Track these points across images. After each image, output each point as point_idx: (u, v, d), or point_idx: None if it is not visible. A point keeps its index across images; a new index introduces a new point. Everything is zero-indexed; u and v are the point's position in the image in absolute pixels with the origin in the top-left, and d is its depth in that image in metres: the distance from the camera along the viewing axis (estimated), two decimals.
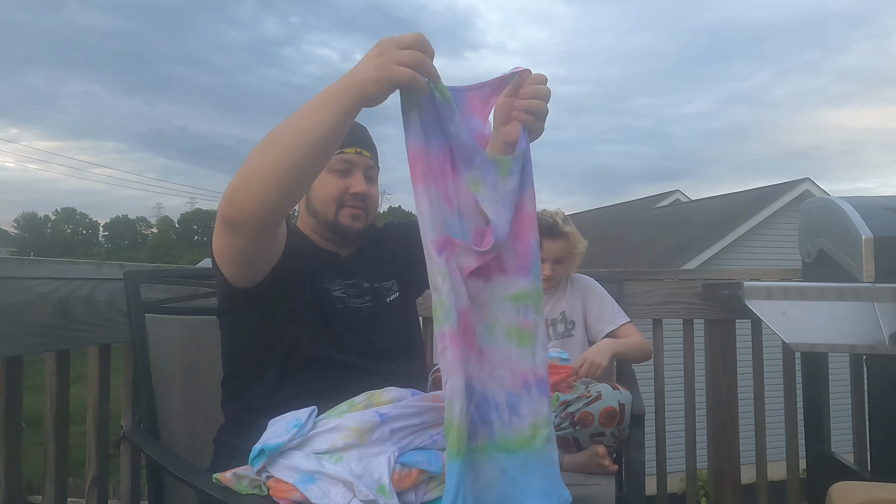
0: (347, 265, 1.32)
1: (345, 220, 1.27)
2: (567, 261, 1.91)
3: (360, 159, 1.28)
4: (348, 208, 1.27)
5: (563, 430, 1.53)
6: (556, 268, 1.89)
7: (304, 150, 0.91)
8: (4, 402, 1.35)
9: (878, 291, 1.64)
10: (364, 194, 1.27)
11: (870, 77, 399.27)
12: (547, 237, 1.87)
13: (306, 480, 0.91)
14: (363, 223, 1.30)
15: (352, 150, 1.27)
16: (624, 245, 11.94)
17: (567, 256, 1.90)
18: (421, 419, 1.02)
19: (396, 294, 1.37)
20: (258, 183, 0.93)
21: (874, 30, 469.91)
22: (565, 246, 1.88)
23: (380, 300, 1.33)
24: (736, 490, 2.18)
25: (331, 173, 1.26)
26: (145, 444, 1.25)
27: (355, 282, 1.30)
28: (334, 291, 1.25)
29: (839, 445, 2.13)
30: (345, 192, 1.26)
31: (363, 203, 1.28)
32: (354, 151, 1.27)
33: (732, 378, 2.21)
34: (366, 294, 1.30)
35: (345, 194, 1.26)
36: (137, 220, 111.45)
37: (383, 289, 1.35)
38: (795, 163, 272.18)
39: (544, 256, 1.87)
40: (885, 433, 1.74)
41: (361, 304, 1.29)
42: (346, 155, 1.27)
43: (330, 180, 1.27)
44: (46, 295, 1.37)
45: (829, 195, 2.82)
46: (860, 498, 1.16)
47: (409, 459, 0.98)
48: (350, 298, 1.27)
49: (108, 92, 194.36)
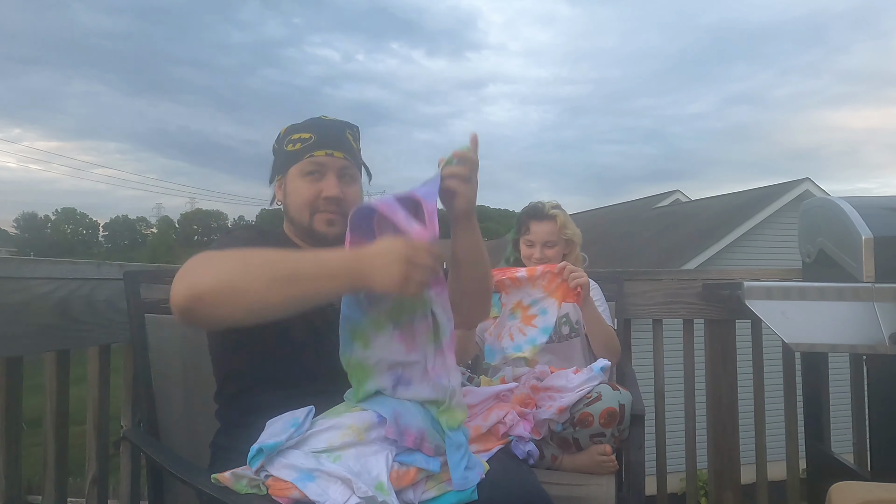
0: None
1: (319, 226, 1.23)
2: (558, 245, 1.91)
3: (332, 161, 1.24)
4: (322, 213, 1.23)
5: (563, 430, 1.53)
6: (547, 251, 1.89)
7: (285, 303, 0.92)
8: (4, 402, 1.35)
9: (878, 291, 1.64)
10: (337, 198, 1.22)
11: (871, 77, 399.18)
12: (534, 219, 1.91)
13: (305, 478, 0.92)
14: (341, 227, 1.20)
15: (321, 153, 1.23)
16: (624, 245, 11.93)
17: (557, 241, 1.90)
18: (417, 355, 1.05)
19: None
20: (230, 303, 0.91)
21: (875, 30, 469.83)
22: (552, 228, 1.89)
23: None
24: (736, 490, 2.18)
25: (302, 178, 1.23)
26: (145, 444, 1.25)
27: None
28: None
29: (839, 445, 2.13)
30: (317, 197, 1.22)
31: (338, 206, 1.23)
32: (324, 154, 1.23)
33: (732, 378, 2.21)
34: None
35: (317, 199, 1.22)
36: (137, 221, 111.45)
37: None
38: (796, 163, 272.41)
39: (533, 239, 1.90)
40: (885, 433, 1.74)
41: None
42: (316, 158, 1.23)
43: (302, 186, 1.23)
44: (46, 295, 1.37)
45: (829, 195, 2.82)
46: (860, 498, 1.16)
47: (408, 458, 0.98)
48: (337, 301, 1.23)
49: (111, 92, 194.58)
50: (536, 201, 1.96)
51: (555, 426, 1.52)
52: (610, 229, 13.71)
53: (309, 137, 1.25)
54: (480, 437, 1.27)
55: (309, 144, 1.24)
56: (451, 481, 0.99)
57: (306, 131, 1.26)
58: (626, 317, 2.15)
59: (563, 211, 1.94)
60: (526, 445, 1.41)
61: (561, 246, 1.92)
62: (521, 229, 1.94)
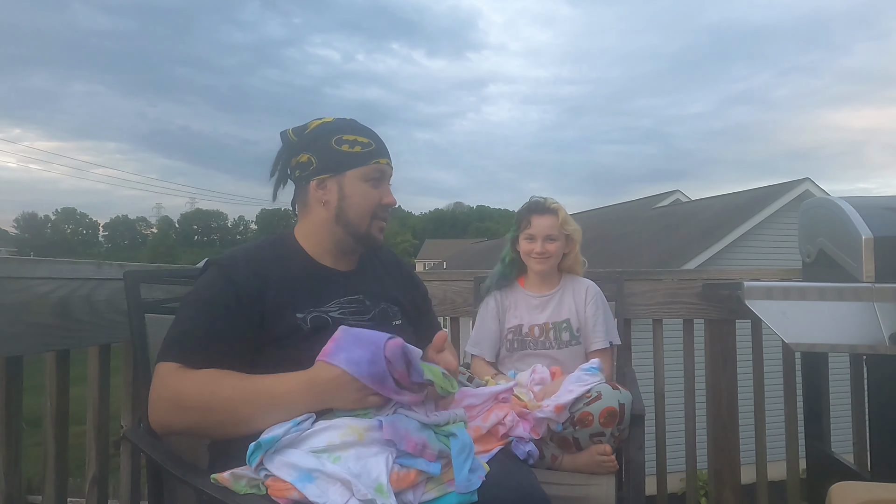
0: (346, 280, 1.28)
1: (375, 232, 1.27)
2: (559, 241, 1.91)
3: (389, 170, 1.28)
4: (379, 220, 1.27)
5: (563, 430, 1.53)
6: (548, 245, 1.89)
7: (245, 431, 1.02)
8: (4, 402, 1.35)
9: (878, 291, 1.64)
10: (394, 206, 1.27)
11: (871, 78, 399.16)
12: (536, 213, 1.91)
13: (304, 479, 0.91)
14: (384, 235, 1.31)
15: (385, 161, 1.26)
16: (624, 245, 11.93)
17: (558, 235, 1.90)
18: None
19: (400, 321, 1.33)
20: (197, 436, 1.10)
21: (876, 30, 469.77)
22: (553, 222, 1.89)
23: (385, 322, 1.28)
24: (736, 490, 2.18)
25: (366, 182, 1.24)
26: (145, 444, 1.24)
27: (356, 298, 1.26)
28: (331, 313, 1.21)
29: (839, 445, 2.13)
30: (378, 205, 1.25)
31: (388, 215, 1.28)
32: (386, 162, 1.26)
33: (732, 378, 2.21)
34: (368, 312, 1.26)
35: (378, 206, 1.25)
36: (137, 221, 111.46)
37: (389, 311, 1.31)
38: (796, 163, 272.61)
39: (534, 233, 1.90)
40: (886, 433, 1.74)
41: (362, 321, 1.24)
42: (381, 165, 1.25)
43: (367, 191, 1.24)
44: (46, 295, 1.37)
45: (829, 195, 2.81)
46: (860, 498, 1.16)
47: (409, 461, 0.97)
48: (349, 317, 1.22)
49: (111, 92, 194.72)
50: (537, 197, 1.97)
51: (555, 426, 1.52)
52: (610, 229, 13.71)
53: (369, 143, 1.25)
54: (480, 438, 1.28)
55: (371, 150, 1.25)
56: (453, 482, 0.99)
57: (363, 135, 1.26)
58: (626, 317, 2.15)
59: (564, 208, 1.95)
60: (526, 446, 1.41)
61: (562, 242, 1.92)
62: (522, 224, 1.94)
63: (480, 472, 1.04)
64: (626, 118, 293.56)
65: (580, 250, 1.99)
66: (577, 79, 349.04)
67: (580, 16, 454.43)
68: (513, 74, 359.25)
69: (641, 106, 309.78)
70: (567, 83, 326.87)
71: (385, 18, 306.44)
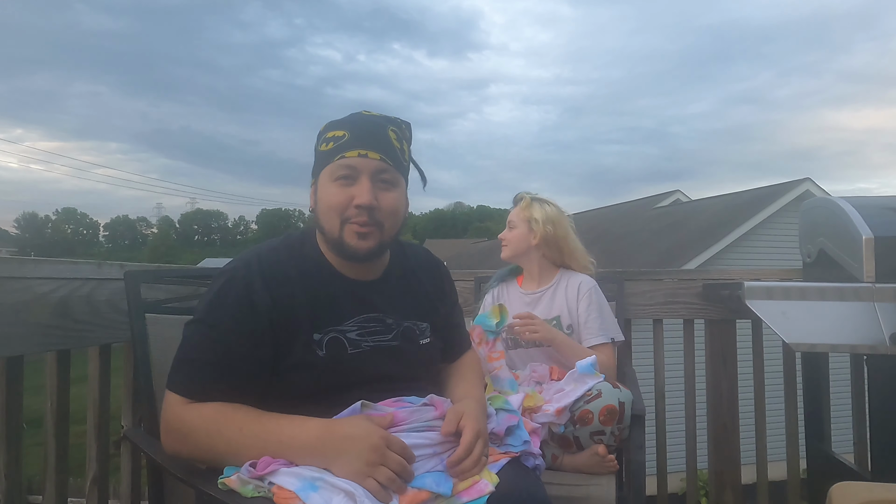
0: (367, 294, 1.14)
1: (350, 238, 1.07)
2: (518, 228, 1.93)
3: (364, 163, 1.07)
4: (353, 224, 1.07)
5: (564, 429, 1.53)
6: (507, 233, 1.96)
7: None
8: (4, 402, 1.35)
9: (878, 291, 1.64)
10: (370, 206, 1.06)
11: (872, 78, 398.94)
12: (512, 205, 2.00)
13: (308, 488, 0.90)
14: (375, 241, 1.09)
15: (353, 154, 1.07)
16: (624, 245, 11.92)
17: (517, 223, 1.94)
18: (433, 449, 1.02)
19: (429, 339, 1.20)
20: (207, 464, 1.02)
21: (878, 31, 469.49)
22: (517, 211, 1.95)
23: (410, 341, 1.16)
24: (736, 490, 2.18)
25: (332, 182, 1.08)
26: (145, 444, 1.24)
27: (376, 316, 1.13)
28: (349, 333, 1.09)
29: (839, 445, 2.13)
30: (348, 205, 1.07)
31: (370, 217, 1.07)
32: (357, 154, 1.07)
33: (732, 378, 2.21)
34: (389, 331, 1.14)
35: (348, 207, 1.07)
36: (138, 221, 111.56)
37: (415, 329, 1.18)
38: (796, 163, 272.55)
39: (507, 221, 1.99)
40: (886, 433, 1.74)
41: (383, 342, 1.12)
42: (347, 159, 1.07)
43: (332, 191, 1.08)
44: (46, 295, 1.37)
45: (829, 195, 2.81)
46: (860, 498, 1.16)
47: (418, 482, 0.96)
48: (367, 337, 1.11)
49: (112, 93, 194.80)
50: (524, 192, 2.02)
51: (556, 428, 1.52)
52: (610, 229, 13.70)
53: (342, 136, 1.09)
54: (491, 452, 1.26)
55: (341, 143, 1.08)
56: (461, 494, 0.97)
57: (341, 128, 1.10)
58: (626, 317, 2.15)
59: (545, 202, 1.94)
60: (535, 459, 1.40)
61: (523, 230, 1.92)
62: None
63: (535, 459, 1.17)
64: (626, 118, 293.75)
65: (584, 250, 1.97)
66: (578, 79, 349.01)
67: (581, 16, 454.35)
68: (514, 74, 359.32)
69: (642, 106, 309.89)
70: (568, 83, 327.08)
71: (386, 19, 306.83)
